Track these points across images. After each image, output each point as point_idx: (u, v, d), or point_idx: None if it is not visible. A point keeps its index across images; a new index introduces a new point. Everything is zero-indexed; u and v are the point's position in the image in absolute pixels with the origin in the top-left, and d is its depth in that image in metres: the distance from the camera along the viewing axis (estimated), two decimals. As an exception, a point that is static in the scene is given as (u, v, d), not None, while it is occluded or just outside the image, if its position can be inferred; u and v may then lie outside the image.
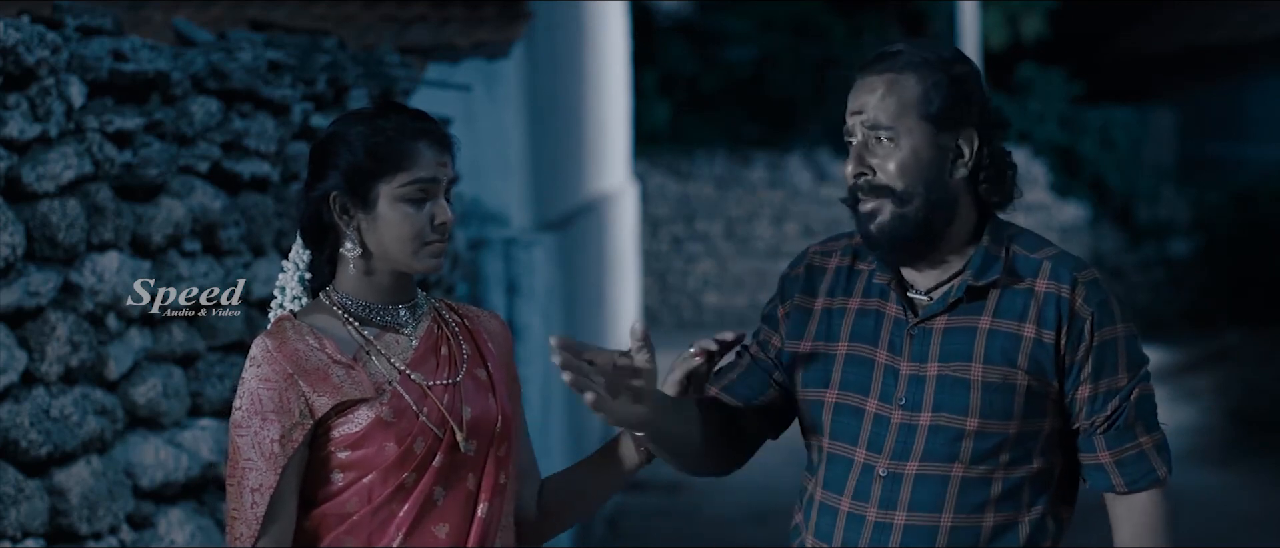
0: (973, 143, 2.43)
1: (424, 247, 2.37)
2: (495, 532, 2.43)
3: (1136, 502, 2.48)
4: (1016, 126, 17.51)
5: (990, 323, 2.43)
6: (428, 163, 2.36)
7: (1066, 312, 2.42)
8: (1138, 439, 2.47)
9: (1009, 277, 2.44)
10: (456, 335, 2.48)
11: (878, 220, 2.42)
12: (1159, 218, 16.90)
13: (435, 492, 2.38)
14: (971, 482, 2.43)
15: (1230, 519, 8.84)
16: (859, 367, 2.49)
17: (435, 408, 2.38)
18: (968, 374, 2.42)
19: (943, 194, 2.42)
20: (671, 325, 16.95)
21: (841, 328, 2.52)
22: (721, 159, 17.09)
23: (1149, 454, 2.47)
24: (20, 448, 3.28)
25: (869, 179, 2.42)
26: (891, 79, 2.42)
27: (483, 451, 2.42)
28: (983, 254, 2.45)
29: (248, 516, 2.32)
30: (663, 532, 8.46)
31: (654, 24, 18.39)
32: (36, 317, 3.38)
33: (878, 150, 2.42)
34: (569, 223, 8.92)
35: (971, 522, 2.43)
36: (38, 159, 3.35)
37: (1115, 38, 20.34)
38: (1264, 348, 13.04)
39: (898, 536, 2.43)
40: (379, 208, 2.36)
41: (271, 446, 2.31)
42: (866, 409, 2.47)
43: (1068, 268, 2.45)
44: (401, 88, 5.43)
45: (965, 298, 2.44)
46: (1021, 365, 2.41)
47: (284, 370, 2.33)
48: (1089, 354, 2.43)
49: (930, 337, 2.45)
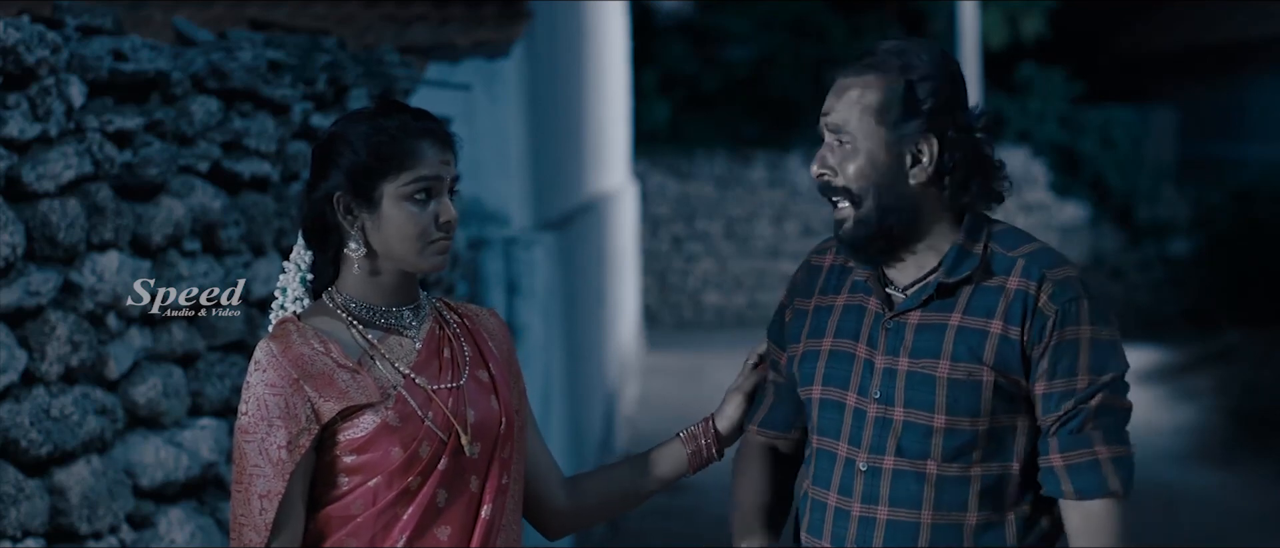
0: (932, 147, 2.46)
1: (429, 245, 2.38)
2: (498, 534, 2.44)
3: (1090, 511, 2.43)
4: (1016, 126, 17.53)
5: (960, 320, 2.45)
6: (431, 161, 2.36)
7: (1031, 307, 2.42)
8: (1094, 447, 2.42)
9: (984, 274, 2.46)
10: (458, 337, 2.48)
11: (845, 226, 2.49)
12: (1159, 217, 16.91)
13: (439, 495, 2.38)
14: (948, 479, 2.44)
15: (1230, 519, 8.84)
16: (841, 362, 2.53)
17: (440, 412, 2.38)
18: (934, 371, 2.44)
19: (896, 198, 2.45)
20: (671, 325, 16.96)
21: (829, 324, 2.56)
22: (721, 159, 17.10)
23: (1103, 465, 2.42)
24: (20, 448, 3.28)
25: (828, 180, 2.49)
26: (859, 83, 2.47)
27: (486, 453, 2.43)
28: (956, 252, 2.47)
29: (256, 521, 2.32)
30: (663, 532, 8.46)
31: (654, 24, 18.39)
32: (37, 316, 3.37)
33: (838, 152, 2.48)
34: (569, 222, 8.92)
35: (953, 520, 2.43)
36: (38, 159, 3.35)
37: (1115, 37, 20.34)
38: (1264, 348, 13.03)
39: (881, 532, 2.45)
40: (383, 207, 2.36)
41: (279, 452, 2.31)
42: (847, 403, 2.51)
43: (1040, 265, 2.45)
44: (401, 87, 5.43)
45: (937, 295, 2.47)
46: (987, 362, 2.42)
47: (289, 375, 2.33)
48: (1047, 351, 2.42)
49: (904, 332, 2.48)
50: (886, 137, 2.45)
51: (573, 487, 2.63)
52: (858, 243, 2.48)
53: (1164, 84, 19.50)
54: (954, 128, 2.47)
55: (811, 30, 18.11)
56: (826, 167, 2.49)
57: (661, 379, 12.92)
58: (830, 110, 2.49)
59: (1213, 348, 13.83)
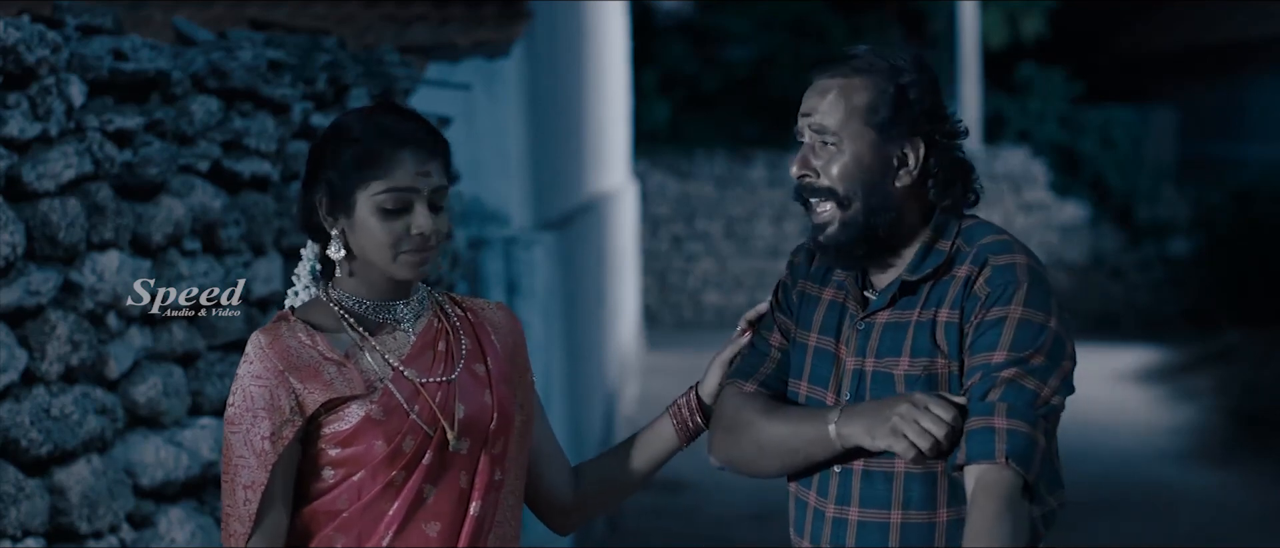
0: (918, 151, 2.46)
1: (401, 255, 2.36)
2: (489, 530, 2.43)
3: (977, 478, 2.30)
4: (1016, 126, 17.53)
5: (918, 315, 2.45)
6: (405, 172, 2.34)
7: (968, 291, 2.41)
8: (992, 417, 2.31)
9: (946, 269, 2.46)
10: (457, 330, 2.47)
11: (828, 231, 2.47)
12: (1159, 217, 16.91)
13: (425, 490, 2.38)
14: (915, 477, 2.42)
15: (1230, 519, 8.84)
16: (823, 361, 2.52)
17: (427, 406, 2.38)
18: (893, 369, 2.44)
19: (883, 200, 2.45)
20: (671, 325, 16.96)
21: (814, 318, 2.56)
22: (721, 158, 17.10)
23: (997, 433, 2.30)
24: (20, 447, 3.29)
25: (812, 181, 2.47)
26: (842, 84, 2.46)
27: (476, 448, 2.42)
28: (922, 250, 2.47)
29: (241, 512, 2.33)
30: (663, 531, 8.46)
31: (654, 24, 18.40)
32: (37, 316, 3.38)
33: (822, 153, 2.47)
34: (569, 222, 8.93)
35: (923, 518, 2.42)
36: (38, 158, 3.36)
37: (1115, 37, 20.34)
38: (1264, 348, 13.04)
39: (854, 532, 2.45)
40: (357, 214, 2.36)
41: (262, 443, 2.32)
42: (827, 402, 2.51)
43: (988, 252, 2.44)
44: (401, 87, 5.43)
45: (901, 293, 2.47)
46: (940, 352, 2.42)
47: (275, 367, 2.34)
48: (974, 328, 2.39)
49: (871, 332, 2.48)
50: (874, 138, 2.44)
51: (575, 479, 2.63)
52: (842, 245, 2.46)
53: (1164, 84, 19.50)
54: (940, 132, 2.48)
55: (811, 30, 18.11)
56: (809, 167, 2.47)
57: (661, 379, 12.92)
58: (814, 110, 2.47)
59: (1213, 348, 13.83)
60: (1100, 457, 10.03)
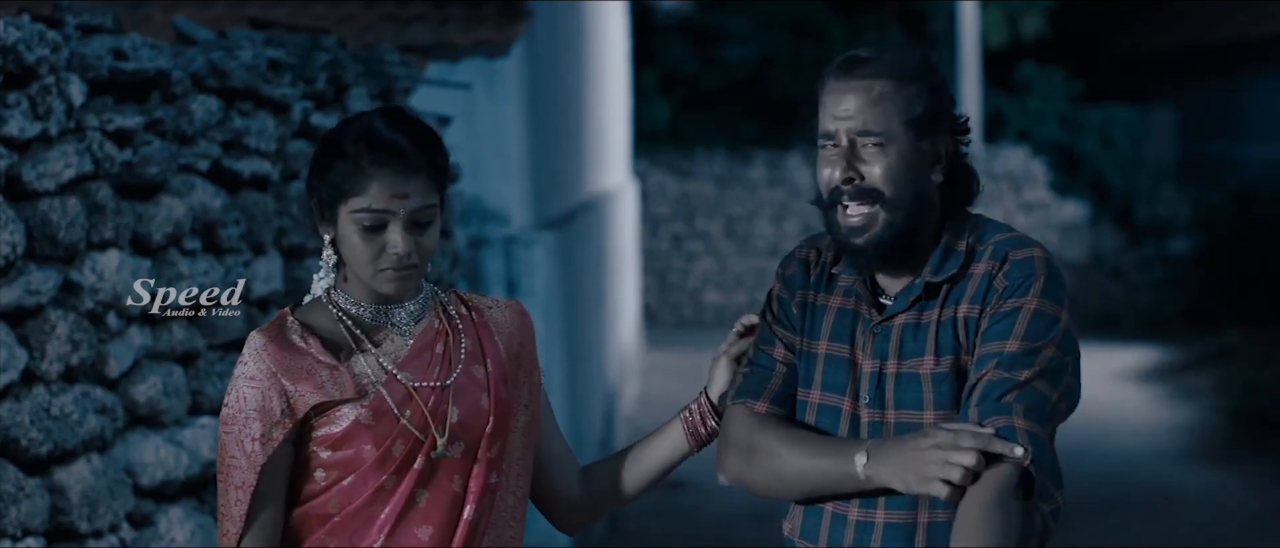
0: (947, 148, 2.48)
1: (379, 272, 2.35)
2: (483, 534, 2.42)
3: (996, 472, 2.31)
4: (1016, 126, 17.54)
5: (940, 314, 2.45)
6: (379, 194, 2.32)
7: (988, 285, 2.43)
8: (1012, 417, 2.32)
9: (965, 268, 2.47)
10: (458, 331, 2.46)
11: (869, 233, 2.45)
12: (1159, 217, 16.91)
13: (417, 494, 2.37)
14: None
15: (1230, 519, 8.84)
16: (836, 367, 2.52)
17: (418, 410, 2.37)
18: (919, 369, 2.44)
19: (924, 199, 2.47)
20: (671, 324, 16.96)
21: (823, 326, 2.55)
22: (721, 158, 17.11)
23: (1018, 433, 2.31)
24: (20, 447, 3.29)
25: (858, 184, 2.45)
26: (877, 85, 2.45)
27: (470, 452, 2.41)
28: (943, 251, 2.48)
29: (233, 513, 2.34)
30: (663, 531, 8.46)
31: (654, 24, 18.40)
32: (37, 315, 3.38)
33: (865, 155, 2.45)
34: (569, 221, 8.92)
35: (949, 517, 2.41)
36: (38, 158, 3.36)
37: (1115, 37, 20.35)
38: (1264, 348, 13.04)
39: (879, 534, 2.44)
40: (340, 227, 2.36)
41: (252, 444, 2.32)
42: (843, 409, 2.50)
43: (1006, 246, 2.46)
44: (401, 87, 5.42)
45: (924, 294, 2.47)
46: (964, 348, 2.43)
47: (268, 369, 2.34)
48: (990, 316, 2.40)
49: (891, 334, 2.47)
50: (914, 138, 2.45)
51: (583, 477, 2.63)
52: (883, 245, 2.45)
53: (1164, 84, 19.51)
54: (957, 130, 2.51)
55: (811, 30, 18.11)
56: (854, 169, 2.45)
57: (661, 378, 12.93)
58: (851, 113, 2.44)
59: (1213, 348, 13.83)
60: (1100, 457, 10.03)
